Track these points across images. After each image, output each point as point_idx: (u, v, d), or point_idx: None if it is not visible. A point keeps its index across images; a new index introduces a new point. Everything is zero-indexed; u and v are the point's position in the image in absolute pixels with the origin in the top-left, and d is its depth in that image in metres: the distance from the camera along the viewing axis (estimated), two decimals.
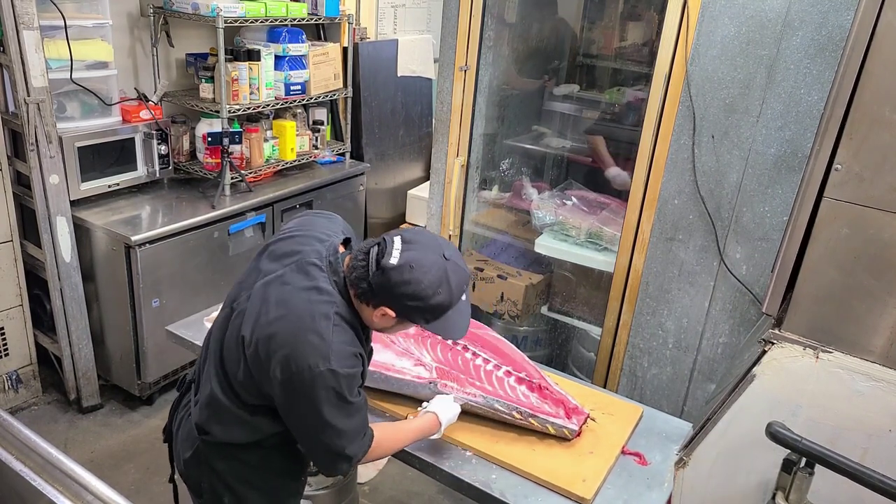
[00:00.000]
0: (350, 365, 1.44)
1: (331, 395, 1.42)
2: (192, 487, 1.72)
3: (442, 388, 1.85)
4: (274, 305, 1.46)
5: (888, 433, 1.46)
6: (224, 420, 1.59)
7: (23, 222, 3.01)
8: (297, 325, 1.43)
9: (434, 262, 1.43)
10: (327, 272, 1.50)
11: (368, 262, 1.44)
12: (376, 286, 1.43)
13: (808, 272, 1.47)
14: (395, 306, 1.44)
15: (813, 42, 2.03)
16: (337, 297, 1.48)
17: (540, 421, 1.82)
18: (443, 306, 1.45)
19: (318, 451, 1.52)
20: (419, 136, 4.77)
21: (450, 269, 1.45)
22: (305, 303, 1.45)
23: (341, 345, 1.43)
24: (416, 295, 1.41)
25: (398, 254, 1.42)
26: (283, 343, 1.42)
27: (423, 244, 1.45)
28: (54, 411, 3.19)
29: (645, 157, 2.38)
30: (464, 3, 2.66)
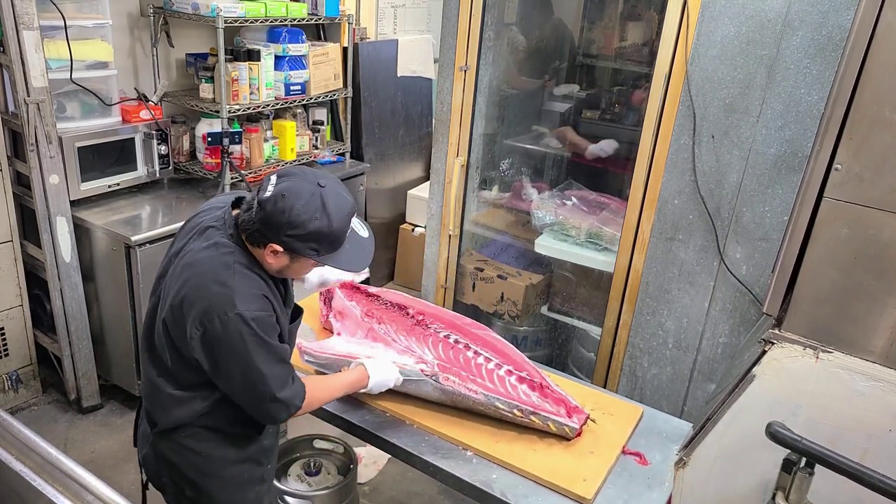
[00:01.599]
0: (258, 308, 1.48)
1: (247, 338, 1.46)
2: (156, 484, 1.75)
3: (444, 381, 1.85)
4: (181, 273, 1.53)
5: (888, 433, 1.46)
6: (164, 404, 1.62)
7: (23, 222, 3.01)
8: (200, 281, 1.49)
9: (307, 188, 1.46)
10: (223, 229, 1.56)
11: (252, 203, 1.49)
12: (258, 222, 1.47)
13: (808, 272, 1.47)
14: (277, 239, 1.47)
15: (813, 42, 2.03)
16: (235, 247, 1.53)
17: (541, 418, 1.82)
18: (323, 233, 1.47)
19: (250, 399, 1.55)
20: (419, 136, 4.77)
21: (326, 195, 1.47)
22: (206, 259, 1.51)
23: (245, 288, 1.48)
24: (291, 222, 1.44)
25: (272, 188, 1.47)
26: (192, 301, 1.48)
27: (298, 176, 1.50)
28: (54, 411, 3.19)
29: (645, 157, 2.38)
30: (464, 3, 2.66)
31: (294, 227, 1.45)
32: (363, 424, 1.88)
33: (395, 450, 1.83)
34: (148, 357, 1.65)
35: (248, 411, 1.58)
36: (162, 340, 1.58)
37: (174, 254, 1.63)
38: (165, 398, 1.61)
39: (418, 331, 2.09)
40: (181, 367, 1.58)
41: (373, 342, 2.05)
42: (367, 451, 2.88)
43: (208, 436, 1.65)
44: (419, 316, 2.14)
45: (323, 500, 2.29)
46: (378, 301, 2.22)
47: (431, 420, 1.88)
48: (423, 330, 2.10)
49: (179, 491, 1.70)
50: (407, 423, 1.89)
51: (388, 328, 2.11)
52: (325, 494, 2.29)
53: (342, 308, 2.17)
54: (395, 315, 2.16)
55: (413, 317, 2.14)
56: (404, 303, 2.18)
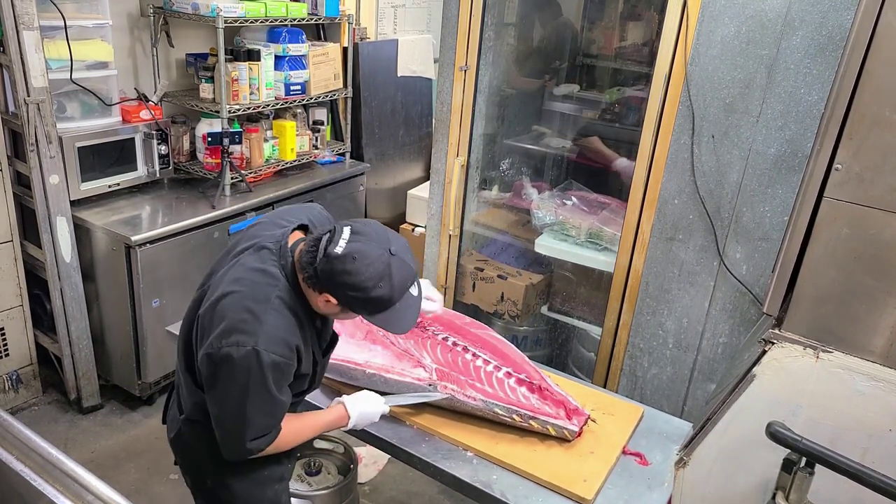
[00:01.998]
0: (279, 353, 1.46)
1: (252, 377, 1.44)
2: (182, 466, 1.77)
3: (441, 389, 1.85)
4: (224, 283, 1.52)
5: (888, 433, 1.46)
6: (186, 397, 1.65)
7: (23, 222, 3.02)
8: (237, 303, 1.47)
9: (379, 256, 1.45)
10: (277, 256, 1.54)
11: (318, 249, 1.47)
12: (321, 273, 1.46)
13: (808, 272, 1.47)
14: (336, 294, 1.47)
15: (813, 42, 2.03)
16: (282, 281, 1.51)
17: (540, 423, 1.82)
18: (382, 300, 1.47)
19: (221, 429, 1.54)
20: (419, 136, 4.77)
21: (394, 265, 1.46)
22: (250, 283, 1.50)
23: (274, 329, 1.46)
24: (355, 286, 1.44)
25: (344, 243, 1.44)
26: (221, 318, 1.47)
27: (371, 237, 1.47)
28: (54, 411, 3.19)
29: (645, 157, 2.38)
30: (464, 3, 2.66)
31: (356, 290, 1.44)
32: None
33: (395, 450, 1.83)
34: (182, 347, 1.66)
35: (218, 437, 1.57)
36: (195, 336, 1.59)
37: (230, 253, 1.63)
38: (188, 392, 1.64)
39: (417, 333, 2.09)
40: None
41: (372, 344, 2.05)
42: (367, 451, 2.88)
43: None
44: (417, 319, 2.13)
45: (323, 500, 2.29)
46: None
47: (431, 420, 1.88)
48: (421, 332, 2.09)
49: (202, 477, 1.72)
50: (407, 423, 1.89)
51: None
52: (325, 494, 2.29)
53: None
54: None
55: None
56: None
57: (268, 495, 1.75)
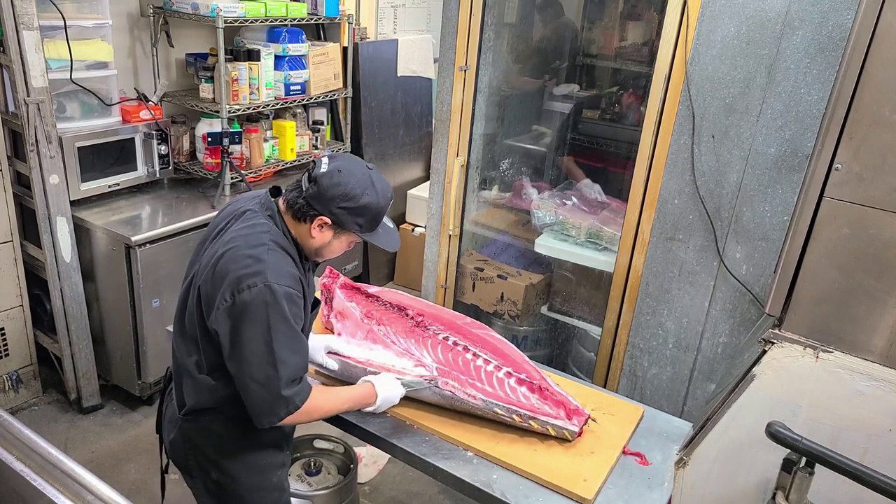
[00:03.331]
0: (287, 283, 1.52)
1: (271, 312, 1.49)
2: (182, 468, 1.78)
3: (443, 386, 1.85)
4: (217, 249, 1.59)
5: (888, 433, 1.46)
6: (190, 387, 1.66)
7: (23, 222, 3.01)
8: (234, 255, 1.54)
9: (359, 168, 1.60)
10: (261, 211, 1.63)
11: (303, 181, 1.59)
12: (310, 197, 1.57)
13: (808, 272, 1.47)
14: (328, 211, 1.57)
15: (813, 42, 2.03)
16: (272, 227, 1.60)
17: (540, 423, 1.82)
18: (371, 208, 1.58)
19: (254, 388, 1.53)
20: (419, 136, 4.77)
21: (374, 176, 1.60)
22: (242, 236, 1.57)
23: (278, 265, 1.53)
24: (345, 195, 1.55)
25: (326, 164, 1.58)
26: (225, 272, 1.52)
27: (348, 157, 1.63)
28: (54, 411, 3.19)
29: (645, 157, 2.38)
30: (464, 3, 2.66)
31: (348, 199, 1.55)
32: (363, 424, 1.88)
33: (395, 450, 1.83)
34: (179, 339, 1.68)
35: (249, 404, 1.56)
36: (193, 318, 1.61)
37: (207, 238, 1.70)
38: (192, 381, 1.65)
39: (417, 332, 2.09)
40: (209, 347, 1.60)
41: (372, 343, 2.05)
42: (367, 451, 2.89)
43: (233, 420, 1.67)
44: (419, 317, 2.14)
45: (323, 500, 2.29)
46: (378, 302, 2.22)
47: (432, 421, 1.88)
48: (422, 332, 2.09)
49: (206, 474, 1.73)
50: (407, 423, 1.89)
51: (388, 330, 2.11)
52: (325, 494, 2.29)
53: (342, 309, 2.17)
54: (395, 316, 2.16)
55: (412, 318, 2.14)
56: (404, 303, 2.18)
57: (273, 482, 1.78)
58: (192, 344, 1.64)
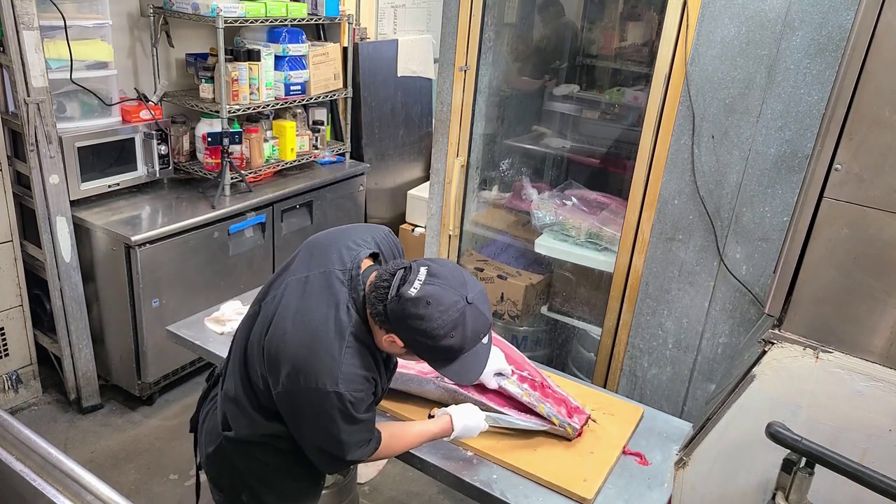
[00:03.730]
0: (359, 389, 1.42)
1: (335, 414, 1.41)
2: (214, 481, 1.74)
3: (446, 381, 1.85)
4: (293, 315, 1.45)
5: (888, 433, 1.46)
6: (241, 418, 1.59)
7: (23, 222, 3.01)
8: (310, 341, 1.41)
9: (454, 303, 1.37)
10: (348, 288, 1.46)
11: (390, 286, 1.39)
12: (391, 312, 1.38)
13: (808, 272, 1.47)
14: (403, 337, 1.41)
15: (813, 42, 2.03)
16: (354, 316, 1.44)
17: (546, 412, 1.81)
18: (453, 350, 1.40)
19: (319, 455, 1.53)
20: (419, 136, 4.77)
21: (469, 315, 1.38)
22: (322, 319, 1.43)
23: (352, 367, 1.41)
24: (426, 332, 1.36)
25: (419, 285, 1.37)
26: (293, 355, 1.41)
27: (449, 281, 1.39)
28: (54, 411, 3.19)
29: (645, 157, 2.38)
30: (464, 3, 2.66)
31: (426, 337, 1.37)
32: None
33: None
34: (238, 365, 1.59)
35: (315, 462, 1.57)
36: (255, 357, 1.52)
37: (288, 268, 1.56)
38: (244, 413, 1.58)
39: None
40: (265, 392, 1.53)
41: None
42: None
43: (281, 454, 1.63)
44: None
45: (323, 501, 2.28)
46: None
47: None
48: None
49: (236, 493, 1.69)
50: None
51: None
52: (325, 494, 2.28)
53: None
54: None
55: None
56: None
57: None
58: (252, 378, 1.55)
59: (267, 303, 1.55)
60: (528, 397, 1.84)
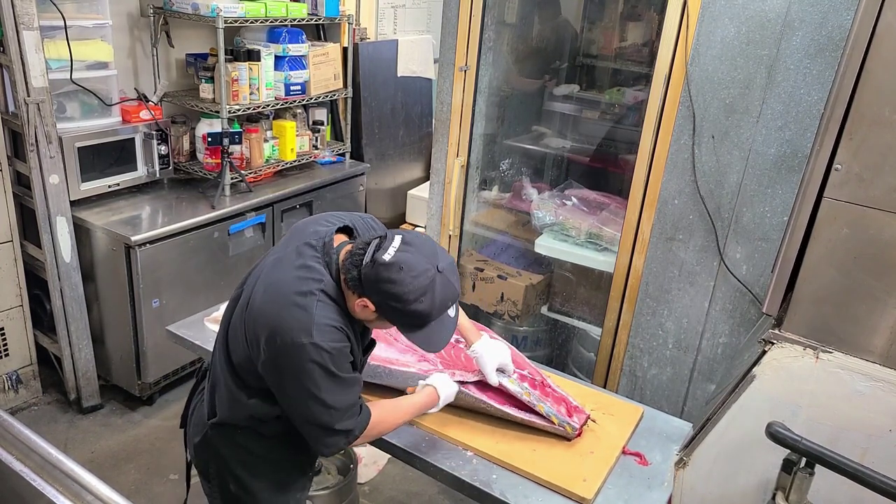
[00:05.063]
0: (334, 339, 1.46)
1: (316, 369, 1.44)
2: (202, 472, 1.75)
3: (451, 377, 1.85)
4: (266, 285, 1.52)
5: (888, 433, 1.46)
6: (225, 400, 1.63)
7: (23, 222, 3.01)
8: (281, 301, 1.47)
9: (425, 270, 1.44)
10: (320, 253, 1.53)
11: (365, 253, 1.46)
12: (364, 277, 1.45)
13: (808, 272, 1.47)
14: (375, 301, 1.46)
15: (813, 42, 2.03)
16: (325, 276, 1.50)
17: (545, 410, 1.81)
18: (421, 315, 1.46)
19: (309, 427, 1.53)
20: (419, 136, 4.77)
21: (439, 282, 1.45)
22: (292, 279, 1.49)
23: (324, 319, 1.46)
24: (397, 296, 1.43)
25: (393, 251, 1.44)
26: (269, 319, 1.47)
27: (421, 249, 1.46)
28: (54, 411, 3.19)
29: (645, 157, 2.38)
30: (464, 4, 2.66)
31: (397, 300, 1.43)
32: None
33: (395, 450, 1.83)
34: (221, 347, 1.64)
35: (307, 437, 1.56)
36: (237, 337, 1.58)
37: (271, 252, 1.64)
38: (227, 395, 1.62)
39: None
40: (250, 371, 1.56)
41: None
42: (367, 451, 2.88)
43: (264, 439, 1.65)
44: None
45: (323, 500, 2.29)
46: None
47: (431, 420, 1.88)
48: None
49: (224, 484, 1.71)
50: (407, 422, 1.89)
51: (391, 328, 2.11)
52: (325, 494, 2.29)
53: None
54: None
55: None
56: None
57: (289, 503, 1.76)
58: (234, 360, 1.60)
59: (248, 284, 1.60)
60: (528, 396, 1.84)
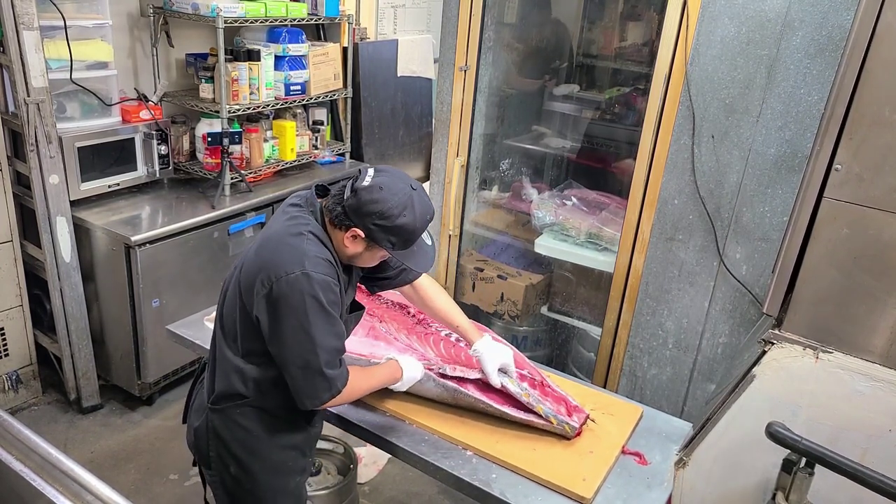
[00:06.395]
0: (324, 271, 1.55)
1: (308, 299, 1.52)
2: (202, 459, 1.78)
3: (451, 371, 1.86)
4: (258, 243, 1.63)
5: (888, 433, 1.46)
6: (224, 370, 1.68)
7: (23, 222, 3.01)
8: (273, 244, 1.59)
9: (402, 188, 1.58)
10: (304, 206, 1.66)
11: (346, 188, 1.59)
12: (349, 207, 1.57)
13: (808, 272, 1.47)
14: (362, 225, 1.57)
15: (813, 42, 2.03)
16: (312, 221, 1.62)
17: (544, 412, 1.81)
18: (406, 229, 1.58)
19: (298, 368, 1.56)
20: (419, 136, 4.77)
21: (416, 197, 1.59)
22: (282, 228, 1.61)
23: (314, 252, 1.56)
24: (382, 213, 1.55)
25: (370, 178, 1.58)
26: (263, 262, 1.57)
27: (394, 174, 1.62)
28: (54, 411, 3.19)
29: (645, 157, 2.38)
30: (464, 3, 2.66)
31: (383, 217, 1.55)
32: (363, 424, 1.88)
33: (395, 450, 1.83)
34: (218, 324, 1.72)
35: (293, 387, 1.60)
36: (234, 303, 1.64)
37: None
38: (227, 364, 1.67)
39: (419, 330, 2.10)
40: (246, 331, 1.63)
41: (374, 340, 2.06)
42: (367, 451, 2.88)
43: (261, 416, 1.69)
44: (420, 315, 2.14)
45: (323, 500, 2.29)
46: (379, 300, 2.22)
47: (431, 420, 1.88)
48: (423, 329, 2.10)
49: (224, 467, 1.73)
50: (407, 422, 1.89)
51: (390, 327, 2.11)
52: (325, 494, 2.29)
53: None
54: (396, 314, 2.16)
55: (413, 316, 2.15)
56: (405, 302, 2.18)
57: (291, 486, 1.78)
58: (231, 329, 1.67)
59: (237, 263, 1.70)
60: (528, 397, 1.84)
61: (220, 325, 1.71)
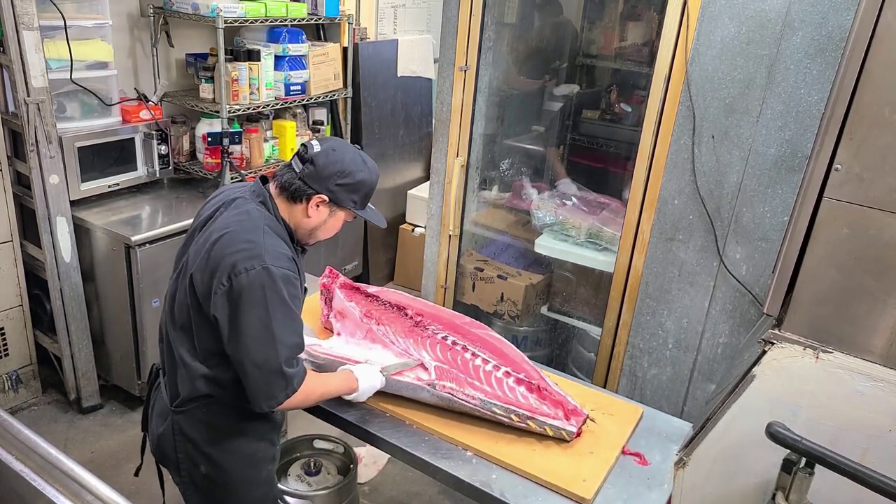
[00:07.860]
0: (284, 266, 1.55)
1: (269, 294, 1.51)
2: (171, 465, 1.77)
3: (440, 389, 1.85)
4: (210, 236, 1.60)
5: (888, 433, 1.46)
6: (185, 376, 1.66)
7: (23, 222, 3.01)
8: (230, 240, 1.56)
9: (350, 148, 1.67)
10: (252, 198, 1.66)
11: (293, 164, 1.64)
12: (307, 176, 1.61)
13: (808, 272, 1.47)
14: (325, 189, 1.62)
15: (813, 42, 2.03)
16: (265, 213, 1.63)
17: (538, 423, 1.81)
18: (366, 183, 1.66)
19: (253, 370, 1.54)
20: (419, 136, 4.77)
21: (363, 155, 1.68)
22: (236, 222, 1.59)
23: (273, 246, 1.56)
24: (342, 172, 1.61)
25: (318, 146, 1.63)
26: (221, 257, 1.54)
27: (336, 139, 1.69)
28: (54, 411, 3.19)
29: (645, 157, 2.38)
30: (464, 3, 2.66)
31: (344, 175, 1.61)
32: (363, 424, 1.88)
33: (395, 450, 1.83)
34: (171, 330, 1.69)
35: (249, 388, 1.57)
36: (185, 307, 1.62)
37: (196, 228, 1.70)
38: (186, 370, 1.65)
39: (416, 332, 2.09)
40: (203, 334, 1.61)
41: (371, 343, 2.05)
42: (367, 451, 2.89)
43: (229, 411, 1.68)
44: (418, 317, 2.13)
45: (323, 500, 2.29)
46: (377, 302, 2.22)
47: (431, 420, 1.88)
48: (421, 331, 2.09)
49: (195, 467, 1.72)
50: (407, 423, 1.89)
51: (387, 329, 2.11)
52: (325, 494, 2.29)
53: (342, 308, 2.17)
54: (394, 316, 2.16)
55: (412, 318, 2.14)
56: (403, 303, 2.18)
57: (262, 476, 1.79)
58: (185, 333, 1.65)
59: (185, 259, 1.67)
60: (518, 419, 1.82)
61: (171, 330, 1.69)
